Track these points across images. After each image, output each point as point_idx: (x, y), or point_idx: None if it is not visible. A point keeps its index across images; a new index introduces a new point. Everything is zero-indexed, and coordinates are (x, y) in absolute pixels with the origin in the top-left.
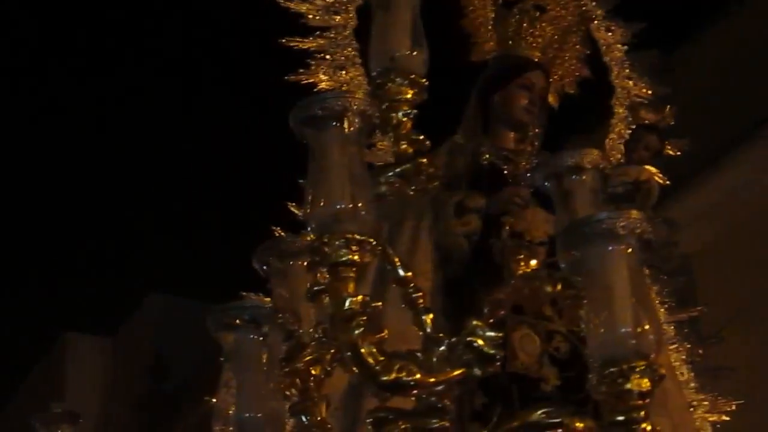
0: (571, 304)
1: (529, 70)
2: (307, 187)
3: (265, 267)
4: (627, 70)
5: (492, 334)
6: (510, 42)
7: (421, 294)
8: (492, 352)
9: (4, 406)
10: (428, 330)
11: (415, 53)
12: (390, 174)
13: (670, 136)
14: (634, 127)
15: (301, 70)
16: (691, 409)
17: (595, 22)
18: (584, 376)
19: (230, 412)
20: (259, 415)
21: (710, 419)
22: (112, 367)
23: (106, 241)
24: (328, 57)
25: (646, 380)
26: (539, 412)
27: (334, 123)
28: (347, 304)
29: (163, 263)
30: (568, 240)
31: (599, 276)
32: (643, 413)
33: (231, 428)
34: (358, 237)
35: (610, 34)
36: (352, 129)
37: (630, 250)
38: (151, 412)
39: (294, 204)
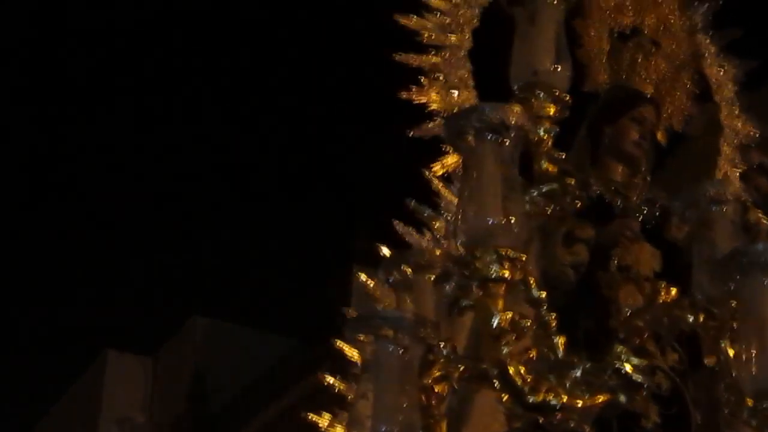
0: (713, 336)
1: (642, 104)
2: (459, 200)
3: (390, 279)
4: (737, 110)
5: (638, 361)
6: (623, 75)
7: (554, 316)
8: (640, 379)
9: (42, 417)
10: (560, 353)
11: (559, 68)
12: (535, 193)
13: None
14: (743, 167)
15: (413, 87)
16: None
17: (708, 59)
18: (685, 414)
19: (367, 423)
20: (395, 429)
21: None
22: (152, 386)
23: (153, 262)
24: (441, 77)
25: None
26: None
27: (491, 136)
28: (496, 321)
29: (207, 286)
30: (724, 270)
31: (754, 308)
32: None
33: None
34: (510, 253)
35: (721, 72)
36: (508, 142)
37: None
38: None
39: (399, 221)
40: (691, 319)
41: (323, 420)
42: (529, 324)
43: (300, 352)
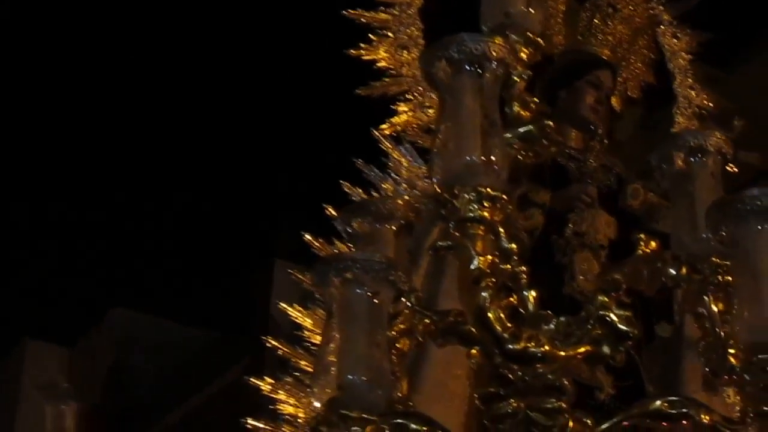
0: (697, 290)
1: (599, 67)
2: (435, 137)
3: (348, 230)
4: (690, 80)
5: (622, 311)
6: (580, 37)
7: (524, 270)
8: (626, 329)
9: None
10: (531, 308)
11: (531, 10)
12: (509, 135)
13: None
14: None
15: (363, 45)
16: None
17: (662, 27)
18: (640, 386)
19: (332, 372)
20: (364, 378)
21: None
22: (68, 376)
23: (74, 252)
24: (390, 35)
25: None
26: (661, 401)
27: (471, 67)
28: (475, 263)
29: (128, 278)
30: (717, 217)
31: (749, 256)
32: None
33: (335, 390)
34: (491, 192)
35: (675, 41)
36: (489, 76)
37: None
38: (107, 424)
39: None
40: (673, 273)
41: (265, 384)
42: (510, 268)
43: (220, 344)
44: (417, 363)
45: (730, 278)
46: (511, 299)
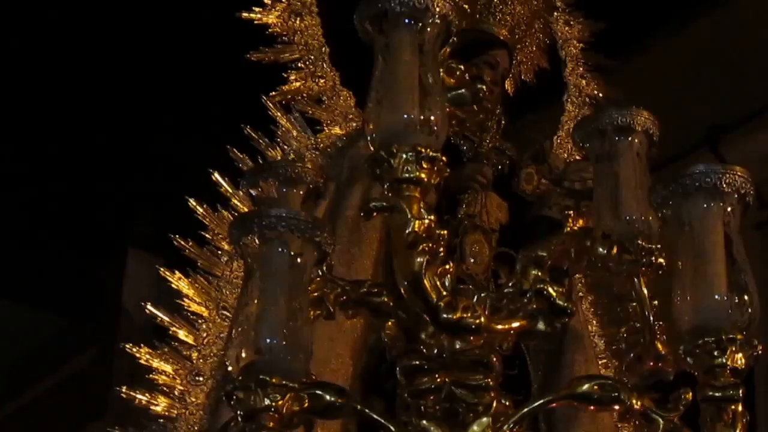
0: (627, 271)
1: (495, 47)
2: (371, 94)
3: (253, 192)
4: (581, 68)
5: (559, 287)
6: (477, 16)
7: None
8: (564, 304)
9: None
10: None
11: None
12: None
13: None
14: None
15: (256, 9)
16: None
17: (555, 14)
18: (525, 376)
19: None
20: (284, 342)
21: None
22: None
23: None
24: (283, 1)
25: (741, 356)
26: (592, 383)
27: (410, 21)
28: (411, 226)
29: None
30: (663, 193)
31: (695, 235)
32: (741, 392)
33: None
34: (430, 152)
35: (567, 28)
36: (430, 32)
37: (730, 209)
38: None
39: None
40: (602, 252)
41: (142, 353)
42: (446, 233)
43: (70, 331)
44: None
45: (662, 260)
46: (448, 267)
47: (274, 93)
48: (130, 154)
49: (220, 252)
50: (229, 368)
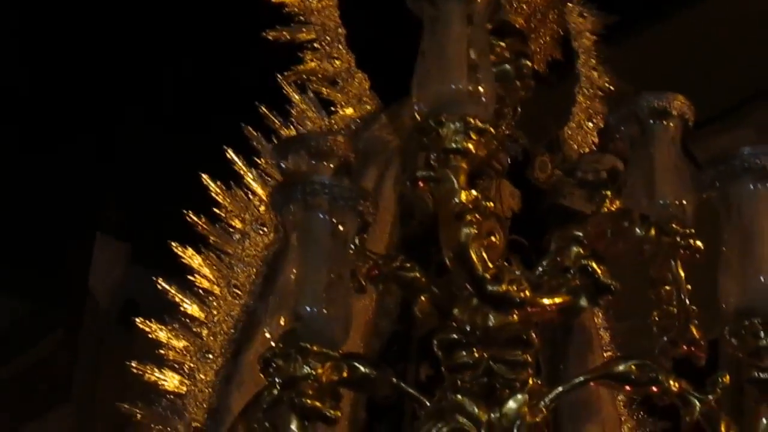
0: (665, 254)
1: (510, 35)
2: (419, 64)
3: (282, 165)
4: (594, 60)
5: (602, 265)
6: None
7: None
8: (608, 281)
9: None
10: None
11: None
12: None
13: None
14: (597, 120)
15: None
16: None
17: (570, 5)
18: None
19: (291, 303)
20: (324, 311)
21: None
22: None
23: None
24: None
25: None
26: (629, 363)
27: None
28: (458, 197)
29: None
30: (711, 174)
31: (743, 216)
32: None
33: (292, 322)
34: (479, 123)
35: (581, 20)
36: (479, 3)
37: None
38: None
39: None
40: (640, 233)
41: (153, 328)
42: (492, 206)
43: (36, 315)
44: None
45: (700, 244)
46: (494, 239)
47: (289, 73)
48: (100, 137)
49: (232, 230)
50: (267, 335)
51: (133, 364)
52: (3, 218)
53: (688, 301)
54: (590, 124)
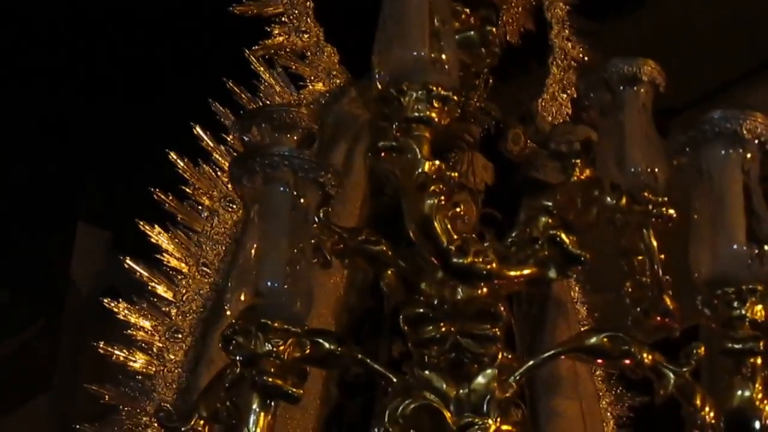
0: (636, 223)
1: (481, 6)
2: (378, 33)
3: (246, 138)
4: (567, 31)
5: (571, 235)
6: None
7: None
8: (578, 253)
9: None
10: None
11: None
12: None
13: None
14: (571, 91)
15: None
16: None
17: None
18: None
19: (251, 278)
20: (286, 286)
21: (614, 412)
22: None
23: None
24: None
25: (761, 307)
26: (601, 336)
27: None
28: (421, 167)
29: None
30: (681, 139)
31: (713, 183)
32: (762, 345)
33: (252, 298)
34: (442, 91)
35: None
36: None
37: (750, 156)
38: None
39: None
40: (611, 202)
41: (120, 308)
42: (456, 176)
43: (16, 305)
44: None
45: (673, 212)
46: (458, 210)
47: (257, 47)
48: (80, 122)
49: (200, 207)
50: (228, 312)
51: (101, 345)
52: None
53: (661, 272)
54: (564, 96)
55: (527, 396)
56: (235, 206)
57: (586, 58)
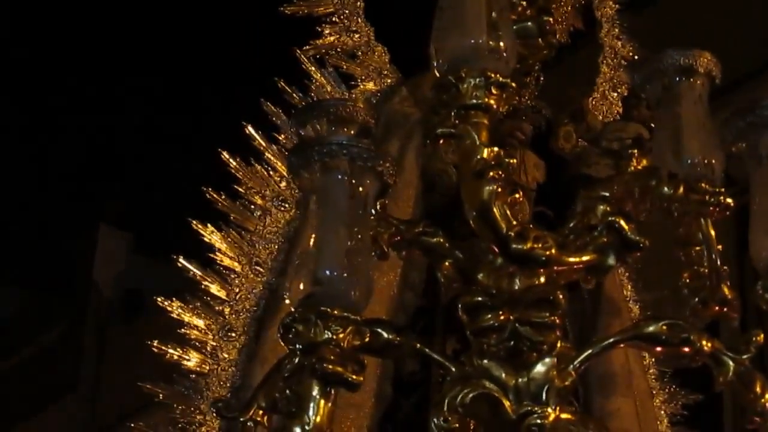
0: (694, 213)
1: (531, 4)
2: (436, 21)
3: (301, 132)
4: (617, 30)
5: (630, 222)
6: None
7: None
8: (636, 239)
9: None
10: None
11: None
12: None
13: None
14: (621, 89)
15: None
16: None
17: None
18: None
19: (310, 267)
20: (345, 274)
21: (668, 410)
22: None
23: None
24: None
25: None
26: (659, 324)
27: None
28: (480, 154)
29: None
30: (740, 125)
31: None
32: None
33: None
34: (500, 78)
35: None
36: None
37: None
38: None
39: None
40: (668, 192)
41: (173, 307)
42: (515, 162)
43: (40, 305)
44: None
45: (731, 201)
46: (517, 195)
47: (307, 47)
48: (103, 128)
49: (253, 206)
50: (287, 301)
51: (155, 344)
52: (7, 211)
53: (719, 261)
54: (614, 95)
55: (581, 393)
56: (287, 205)
57: (636, 57)
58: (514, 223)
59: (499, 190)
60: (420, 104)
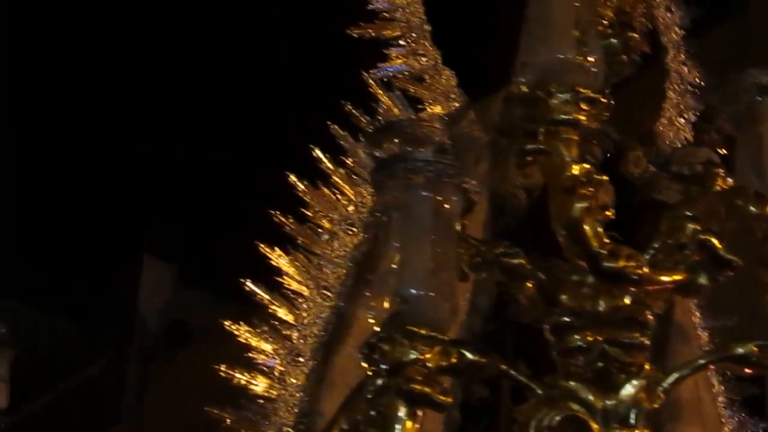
0: None
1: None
2: (523, 37)
3: (377, 153)
4: (683, 55)
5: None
6: None
7: None
8: (729, 257)
9: None
10: None
11: None
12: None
13: None
14: (688, 115)
15: None
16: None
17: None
18: None
19: (394, 285)
20: (427, 292)
21: None
22: None
23: None
24: None
25: None
26: (750, 345)
27: None
28: (569, 170)
29: None
30: None
31: None
32: None
33: (396, 304)
34: (590, 93)
35: (669, 14)
36: None
37: None
38: None
39: None
40: (755, 211)
41: (241, 331)
42: (606, 178)
43: (84, 337)
44: None
45: None
46: (608, 213)
47: (374, 70)
48: (147, 160)
49: (320, 230)
50: (371, 321)
51: (222, 367)
52: (52, 240)
53: None
54: (681, 120)
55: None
56: (354, 229)
57: (702, 83)
58: (606, 241)
59: (590, 207)
60: (488, 128)
